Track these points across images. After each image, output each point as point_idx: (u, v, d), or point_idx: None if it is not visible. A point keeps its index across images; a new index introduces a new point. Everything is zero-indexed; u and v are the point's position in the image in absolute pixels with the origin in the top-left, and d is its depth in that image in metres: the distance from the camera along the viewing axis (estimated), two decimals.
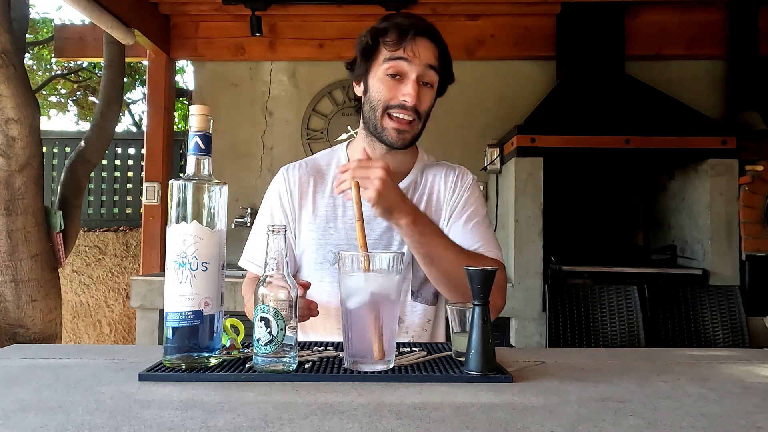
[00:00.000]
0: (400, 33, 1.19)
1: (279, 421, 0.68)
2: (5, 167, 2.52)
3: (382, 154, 1.29)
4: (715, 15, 3.78)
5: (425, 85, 1.23)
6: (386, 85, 1.22)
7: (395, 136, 1.23)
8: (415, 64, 1.20)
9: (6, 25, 2.42)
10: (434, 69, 1.22)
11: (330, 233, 1.29)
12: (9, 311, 2.61)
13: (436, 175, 1.35)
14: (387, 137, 1.24)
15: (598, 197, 3.86)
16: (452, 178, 1.34)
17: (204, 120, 0.93)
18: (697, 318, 2.75)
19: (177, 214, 0.91)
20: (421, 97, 1.21)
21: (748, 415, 0.73)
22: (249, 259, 1.36)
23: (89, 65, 7.32)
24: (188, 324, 0.89)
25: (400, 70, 1.21)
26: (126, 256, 4.88)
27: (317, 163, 1.37)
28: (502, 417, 0.70)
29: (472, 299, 0.90)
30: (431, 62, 1.21)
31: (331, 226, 1.29)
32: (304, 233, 1.31)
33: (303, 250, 1.32)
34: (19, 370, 0.93)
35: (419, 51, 1.20)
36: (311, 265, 1.30)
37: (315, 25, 3.89)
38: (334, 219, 1.29)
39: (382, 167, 1.07)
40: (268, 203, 1.35)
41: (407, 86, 1.20)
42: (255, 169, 4.02)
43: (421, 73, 1.20)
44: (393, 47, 1.20)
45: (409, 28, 1.20)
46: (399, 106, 1.21)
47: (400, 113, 1.21)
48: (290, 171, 1.35)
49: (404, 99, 1.20)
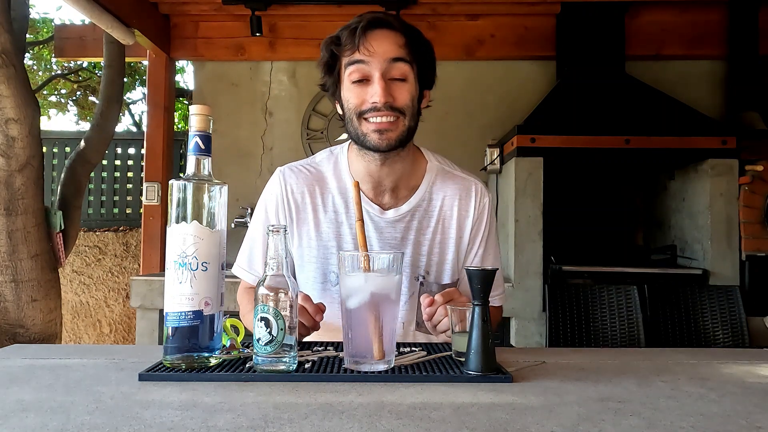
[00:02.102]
0: (351, 33, 1.13)
1: (279, 421, 0.68)
2: (5, 167, 2.52)
3: (378, 166, 1.20)
4: (715, 15, 3.78)
5: (397, 81, 1.14)
6: (353, 92, 1.15)
7: (377, 138, 1.14)
8: (375, 61, 1.12)
9: (6, 25, 2.42)
10: (401, 60, 1.13)
11: (332, 252, 1.24)
12: (9, 311, 2.61)
13: (451, 195, 1.28)
14: (370, 142, 1.15)
15: (598, 197, 3.85)
16: (471, 202, 1.28)
17: (204, 120, 0.93)
18: (697, 318, 2.75)
19: (177, 214, 0.91)
20: (394, 92, 1.13)
21: (748, 415, 0.73)
22: (243, 267, 1.30)
23: (89, 65, 7.32)
24: (188, 324, 0.89)
25: (363, 73, 1.13)
26: (126, 256, 4.87)
27: (319, 170, 1.29)
28: (502, 417, 0.70)
29: (472, 299, 0.90)
30: (394, 54, 1.12)
31: (332, 245, 1.24)
32: (304, 249, 1.26)
33: (301, 266, 1.27)
34: (19, 370, 0.93)
35: (375, 46, 1.11)
36: (310, 283, 1.26)
37: (315, 25, 3.89)
38: (337, 238, 1.24)
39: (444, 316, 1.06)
40: (263, 210, 1.29)
41: (373, 86, 1.12)
42: (255, 169, 4.02)
43: (384, 69, 1.12)
44: (349, 51, 1.13)
45: (358, 25, 1.12)
46: (371, 109, 1.13)
47: (375, 115, 1.13)
48: (287, 177, 1.27)
49: (373, 100, 1.12)
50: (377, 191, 1.25)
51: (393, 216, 1.25)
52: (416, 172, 1.28)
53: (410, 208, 1.25)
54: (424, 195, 1.27)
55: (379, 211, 1.24)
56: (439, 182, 1.29)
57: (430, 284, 1.25)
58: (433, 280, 1.26)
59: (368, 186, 1.25)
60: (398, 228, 1.25)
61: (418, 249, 1.25)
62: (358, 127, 1.16)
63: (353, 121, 1.17)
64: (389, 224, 1.25)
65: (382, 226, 1.24)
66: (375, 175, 1.23)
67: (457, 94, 3.88)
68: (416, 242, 1.25)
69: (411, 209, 1.26)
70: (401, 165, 1.23)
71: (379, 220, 1.24)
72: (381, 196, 1.26)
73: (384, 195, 1.26)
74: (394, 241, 1.24)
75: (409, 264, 1.25)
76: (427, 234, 1.26)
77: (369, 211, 1.24)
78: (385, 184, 1.24)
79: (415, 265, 1.25)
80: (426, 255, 1.26)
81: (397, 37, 1.14)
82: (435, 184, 1.29)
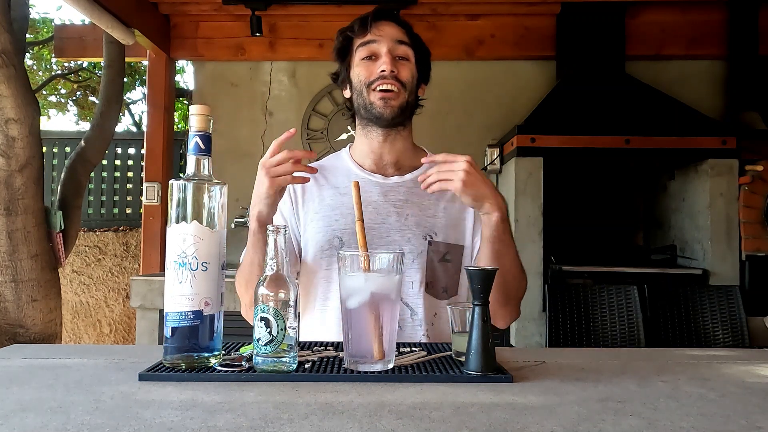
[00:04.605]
0: (362, 20, 1.30)
1: (279, 421, 0.68)
2: (5, 167, 2.51)
3: (380, 142, 1.32)
4: (715, 15, 3.78)
5: (401, 59, 1.28)
6: (363, 67, 1.29)
7: (382, 105, 1.26)
8: (383, 40, 1.27)
9: (6, 25, 2.42)
10: (405, 44, 1.29)
11: (336, 219, 1.30)
12: (9, 311, 2.61)
13: None
14: (375, 109, 1.27)
15: (598, 197, 3.86)
16: None
17: (204, 120, 0.93)
18: (697, 318, 2.75)
19: (177, 214, 0.90)
20: (398, 67, 1.27)
21: (748, 415, 0.73)
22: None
23: (89, 65, 7.32)
24: (188, 324, 0.89)
25: (372, 51, 1.28)
26: (126, 256, 4.87)
27: (321, 164, 1.39)
28: (502, 417, 0.70)
29: (472, 299, 0.90)
30: (399, 37, 1.29)
31: (336, 212, 1.30)
32: (310, 223, 1.32)
33: (308, 240, 1.32)
34: (19, 370, 0.93)
35: (384, 30, 1.28)
36: (317, 252, 1.30)
37: (315, 25, 3.89)
38: (340, 206, 1.30)
39: (465, 160, 1.11)
40: None
41: (381, 59, 1.27)
42: (255, 169, 3.98)
43: (391, 47, 1.27)
44: (361, 34, 1.30)
45: (370, 14, 1.30)
46: (378, 78, 1.26)
47: (382, 83, 1.26)
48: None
49: (381, 69, 1.26)
50: (379, 165, 1.35)
51: (397, 181, 1.33)
52: (417, 156, 1.35)
53: (413, 177, 1.33)
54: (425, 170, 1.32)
55: (382, 178, 1.34)
56: None
57: (438, 243, 1.29)
58: (441, 240, 1.29)
59: (370, 161, 1.35)
60: (401, 191, 1.32)
61: (423, 210, 1.31)
62: (366, 97, 1.29)
63: (362, 92, 1.29)
64: (393, 188, 1.33)
65: (387, 190, 1.32)
66: (377, 151, 1.34)
67: (457, 94, 3.87)
68: (421, 204, 1.31)
69: (414, 178, 1.32)
70: (402, 144, 1.35)
71: (383, 184, 1.33)
72: (384, 169, 1.35)
73: (386, 168, 1.35)
74: (398, 203, 1.31)
75: (416, 223, 1.29)
76: (431, 198, 1.31)
77: (372, 179, 1.33)
78: (386, 159, 1.35)
79: (421, 224, 1.30)
80: (432, 216, 1.31)
81: (400, 28, 1.31)
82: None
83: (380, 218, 1.29)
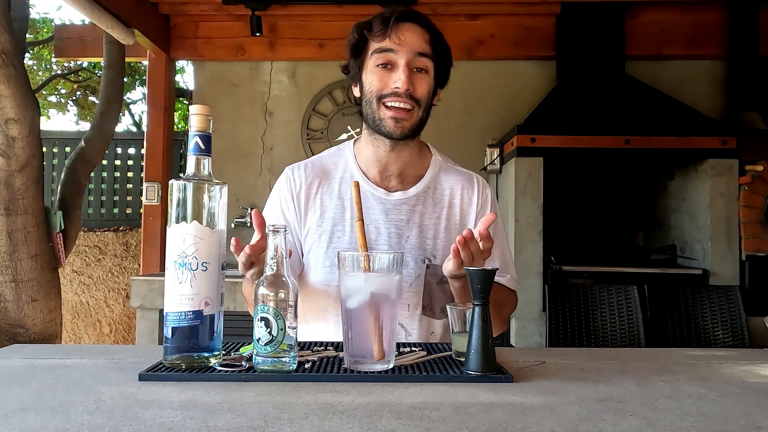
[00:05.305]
0: (383, 21, 1.19)
1: (279, 421, 0.68)
2: (5, 167, 2.51)
3: (387, 152, 1.26)
4: (715, 15, 3.78)
5: (419, 72, 1.20)
6: (377, 75, 1.20)
7: (393, 125, 1.20)
8: (403, 51, 1.18)
9: (6, 25, 2.41)
10: (425, 56, 1.20)
11: (338, 236, 1.26)
12: (9, 311, 2.61)
13: (454, 185, 1.32)
14: (385, 127, 1.21)
15: (598, 197, 3.86)
16: (474, 192, 1.32)
17: (204, 120, 0.93)
18: (697, 318, 2.75)
19: (177, 214, 0.90)
20: (415, 82, 1.19)
21: (748, 415, 0.73)
22: None
23: (89, 65, 7.31)
24: (188, 324, 0.89)
25: (389, 60, 1.19)
26: (126, 256, 4.87)
27: (323, 163, 1.34)
28: (502, 417, 0.70)
29: (472, 299, 0.90)
30: (420, 49, 1.19)
31: (339, 228, 1.26)
32: (310, 235, 1.28)
33: (309, 251, 1.29)
34: (19, 370, 0.93)
35: (406, 37, 1.18)
36: (319, 268, 1.27)
37: (315, 25, 3.89)
38: (342, 222, 1.27)
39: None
40: (273, 204, 1.32)
41: (398, 73, 1.18)
42: (255, 169, 4.02)
43: (410, 60, 1.19)
44: (379, 38, 1.20)
45: (392, 15, 1.19)
46: (392, 93, 1.19)
47: (395, 101, 1.19)
48: (295, 171, 1.32)
49: (396, 86, 1.18)
50: (383, 176, 1.30)
51: (399, 198, 1.29)
52: (422, 163, 1.33)
53: (416, 193, 1.30)
54: (429, 183, 1.32)
55: (385, 193, 1.29)
56: (443, 174, 1.34)
57: (436, 267, 1.26)
58: (439, 263, 1.26)
59: (375, 171, 1.30)
60: (403, 210, 1.28)
61: (423, 232, 1.28)
62: (376, 110, 1.22)
63: (372, 104, 1.22)
64: (395, 206, 1.28)
65: (389, 208, 1.28)
66: (383, 161, 1.29)
67: (457, 94, 3.87)
68: (422, 225, 1.28)
69: (417, 194, 1.29)
70: (409, 153, 1.30)
71: (385, 201, 1.28)
72: (387, 181, 1.30)
73: (390, 180, 1.30)
74: (399, 223, 1.27)
75: (416, 246, 1.27)
76: (432, 218, 1.29)
77: (374, 194, 1.28)
78: (391, 170, 1.30)
79: (421, 247, 1.27)
80: (432, 239, 1.28)
81: (424, 34, 1.21)
82: (439, 175, 1.33)
83: (381, 239, 1.26)
